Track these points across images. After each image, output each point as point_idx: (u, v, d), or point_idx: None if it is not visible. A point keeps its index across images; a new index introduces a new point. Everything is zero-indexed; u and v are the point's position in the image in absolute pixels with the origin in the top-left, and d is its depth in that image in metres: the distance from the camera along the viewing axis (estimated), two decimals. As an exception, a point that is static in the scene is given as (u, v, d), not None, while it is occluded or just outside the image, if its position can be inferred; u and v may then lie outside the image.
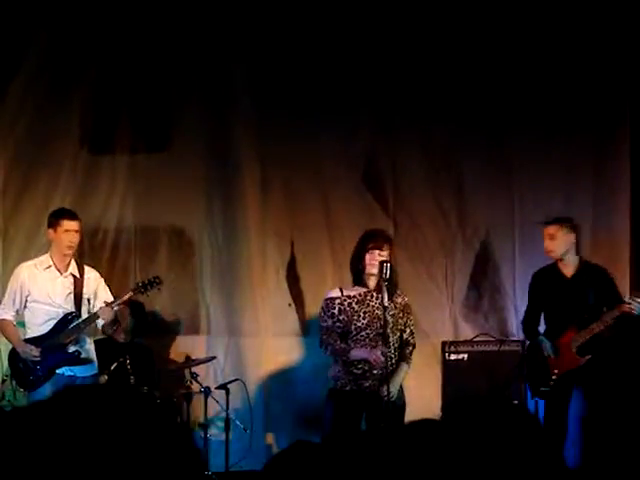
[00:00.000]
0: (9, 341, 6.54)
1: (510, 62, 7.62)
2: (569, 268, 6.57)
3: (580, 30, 7.52)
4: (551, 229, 6.55)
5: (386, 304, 5.98)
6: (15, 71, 7.58)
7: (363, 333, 6.08)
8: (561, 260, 6.57)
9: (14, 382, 6.46)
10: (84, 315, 6.48)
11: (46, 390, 6.29)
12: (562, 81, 7.62)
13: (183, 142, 7.76)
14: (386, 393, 5.89)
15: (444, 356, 7.28)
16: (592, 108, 7.64)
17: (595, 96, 7.63)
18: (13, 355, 6.48)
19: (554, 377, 6.43)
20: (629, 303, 6.20)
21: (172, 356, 7.67)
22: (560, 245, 6.53)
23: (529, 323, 6.75)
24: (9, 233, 7.62)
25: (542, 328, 6.76)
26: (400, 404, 6.12)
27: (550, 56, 7.59)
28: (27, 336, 6.49)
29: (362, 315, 6.09)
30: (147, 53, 7.65)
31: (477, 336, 7.57)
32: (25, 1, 7.53)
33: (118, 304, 6.50)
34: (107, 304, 6.38)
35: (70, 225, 6.45)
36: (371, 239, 6.16)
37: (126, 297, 6.60)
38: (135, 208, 7.74)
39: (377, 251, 6.08)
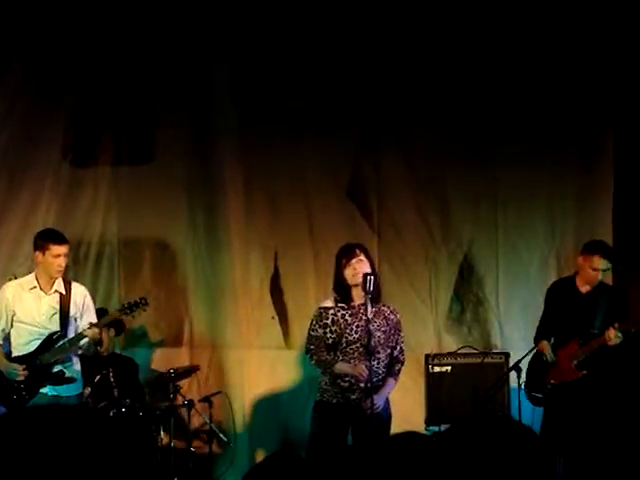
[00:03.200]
0: None
1: (494, 75, 7.65)
2: (586, 285, 6.59)
3: (565, 43, 7.55)
4: (604, 264, 6.50)
5: (369, 316, 5.94)
6: (-1, 81, 7.58)
7: (353, 346, 6.03)
8: (580, 275, 6.60)
9: None
10: (70, 334, 6.41)
11: (30, 411, 6.23)
12: (546, 94, 7.65)
13: (166, 154, 7.76)
14: (370, 405, 5.84)
15: (428, 368, 7.27)
16: (576, 121, 7.68)
17: (579, 109, 7.67)
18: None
19: (549, 386, 6.47)
20: (613, 335, 6.21)
21: (155, 368, 7.66)
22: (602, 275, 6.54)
23: (541, 331, 6.76)
24: (-9, 247, 7.60)
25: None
26: (386, 417, 6.08)
27: (534, 69, 7.62)
28: (13, 355, 6.43)
29: (354, 329, 6.04)
30: (131, 66, 7.65)
31: (460, 348, 7.57)
32: (11, 11, 7.50)
33: (103, 325, 6.45)
34: (93, 325, 6.32)
35: (59, 250, 6.32)
36: (344, 254, 6.09)
37: (112, 318, 6.57)
38: (118, 220, 7.73)
39: (354, 260, 6.02)
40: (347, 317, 6.07)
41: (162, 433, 6.98)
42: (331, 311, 6.11)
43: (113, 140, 7.72)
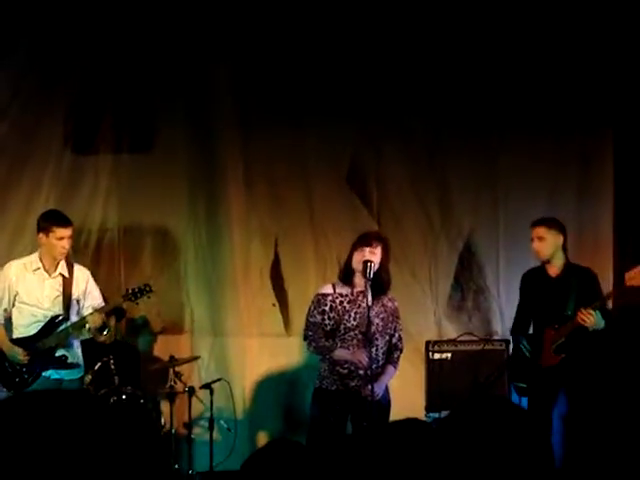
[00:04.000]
0: None
1: (495, 65, 7.66)
2: (555, 269, 6.57)
3: (565, 36, 7.56)
4: (540, 231, 6.52)
5: (369, 303, 5.95)
6: (0, 69, 7.57)
7: (351, 333, 6.07)
8: (548, 262, 6.56)
9: None
10: (73, 317, 6.45)
11: (32, 394, 6.27)
12: (547, 84, 7.67)
13: (166, 142, 7.75)
14: (369, 392, 5.86)
15: (428, 355, 7.29)
16: (577, 111, 7.71)
17: (580, 99, 7.70)
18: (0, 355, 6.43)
19: (533, 373, 6.46)
20: (586, 315, 6.17)
21: (156, 355, 7.67)
22: (548, 247, 6.52)
23: (518, 322, 6.78)
24: (-6, 230, 7.62)
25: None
26: (385, 403, 6.12)
27: (535, 60, 7.63)
28: (14, 336, 6.44)
29: (353, 315, 6.07)
30: (131, 54, 7.63)
31: (461, 335, 7.59)
32: (13, 2, 7.50)
33: (107, 310, 6.47)
34: (96, 310, 6.33)
35: (63, 232, 6.36)
36: (361, 238, 6.12)
37: (115, 304, 6.62)
38: (119, 208, 7.73)
39: (367, 248, 6.02)
40: (345, 304, 6.10)
41: (162, 420, 7.01)
42: (329, 297, 6.14)
43: (114, 128, 7.69)
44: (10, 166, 7.59)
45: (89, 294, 6.53)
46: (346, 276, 6.14)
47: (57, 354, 6.41)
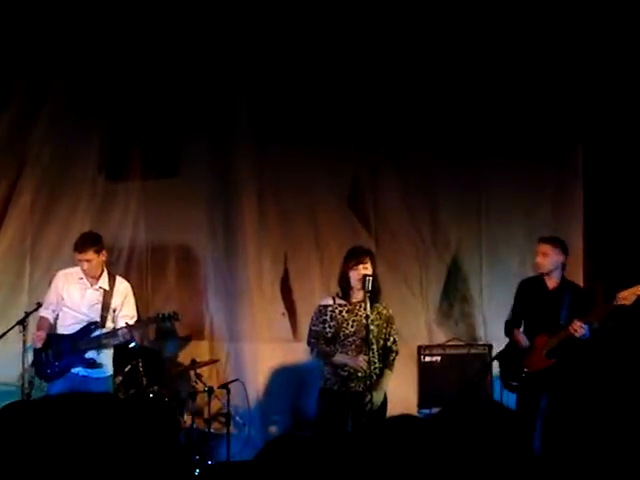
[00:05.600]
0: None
1: (478, 96, 7.68)
2: (553, 282, 6.46)
3: (540, 63, 7.57)
4: (545, 247, 6.41)
5: (368, 313, 5.99)
6: (41, 104, 7.60)
7: (350, 339, 6.08)
8: (547, 275, 6.46)
9: (33, 370, 6.51)
10: (108, 323, 6.50)
11: (60, 385, 6.38)
12: (523, 112, 7.67)
13: (189, 169, 7.75)
14: (369, 400, 5.88)
15: (420, 358, 7.30)
16: (550, 137, 7.70)
17: (552, 127, 7.69)
18: (39, 347, 6.53)
19: (524, 375, 6.37)
20: (578, 327, 6.14)
21: (180, 359, 7.65)
22: (549, 263, 6.39)
23: (511, 324, 6.60)
24: (35, 250, 7.61)
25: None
26: (382, 402, 6.12)
27: (513, 91, 7.64)
28: (57, 332, 6.56)
29: (350, 323, 6.08)
30: (158, 89, 7.65)
31: (449, 340, 7.61)
32: (52, 40, 7.51)
33: (136, 329, 6.54)
34: (129, 326, 6.41)
35: (80, 257, 6.45)
36: (353, 257, 6.13)
37: (142, 325, 6.69)
38: (146, 228, 7.72)
39: (361, 266, 6.08)
40: (344, 313, 6.11)
41: (185, 416, 7.03)
42: (329, 308, 6.15)
43: (142, 157, 7.71)
44: (51, 191, 7.62)
45: (126, 304, 6.59)
46: (344, 292, 6.18)
47: (87, 356, 6.45)
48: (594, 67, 7.51)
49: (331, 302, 6.17)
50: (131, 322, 6.51)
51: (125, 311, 6.56)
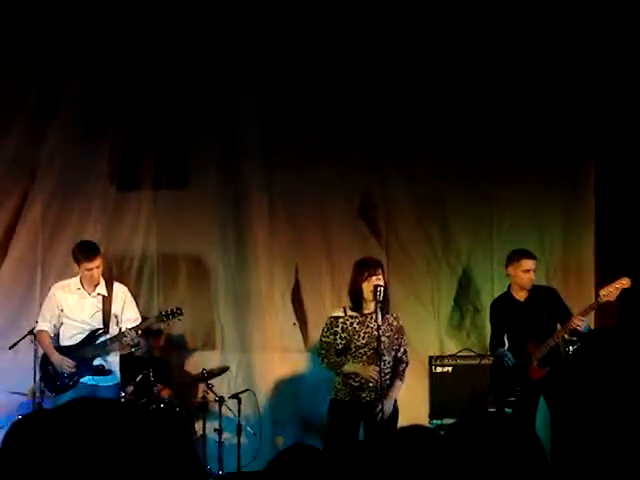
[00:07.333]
0: (44, 350, 6.48)
1: (489, 105, 7.71)
2: (522, 293, 6.53)
3: (552, 73, 7.60)
4: (532, 263, 6.49)
5: (380, 323, 5.97)
6: (52, 115, 7.65)
7: (361, 351, 6.03)
8: (515, 285, 6.55)
9: (42, 384, 6.48)
10: (112, 329, 6.48)
11: (69, 396, 6.32)
12: (535, 121, 7.69)
13: (200, 179, 7.79)
14: (380, 409, 5.87)
15: (431, 369, 7.32)
16: (561, 147, 7.72)
17: (564, 137, 7.71)
18: (45, 360, 6.49)
19: (518, 389, 6.37)
20: (580, 321, 6.22)
21: (191, 369, 7.68)
22: (534, 277, 6.54)
23: (494, 344, 6.65)
24: (46, 260, 7.64)
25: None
26: (393, 413, 6.09)
27: (524, 100, 7.66)
28: (60, 345, 6.52)
29: (362, 335, 6.04)
30: (168, 100, 7.70)
31: (460, 351, 7.60)
32: (62, 51, 7.57)
33: (141, 328, 6.51)
34: (132, 329, 6.40)
35: (89, 264, 6.38)
36: (365, 268, 6.06)
37: (149, 324, 6.63)
38: (158, 238, 7.75)
39: (374, 277, 6.02)
40: (355, 325, 6.07)
41: (196, 425, 7.06)
42: (341, 320, 6.09)
43: (154, 167, 7.75)
44: (62, 202, 7.65)
45: (127, 308, 6.54)
46: (356, 304, 6.13)
47: (95, 363, 6.42)
48: (607, 78, 7.51)
49: (342, 314, 6.13)
50: (137, 323, 6.48)
51: (128, 314, 6.52)
